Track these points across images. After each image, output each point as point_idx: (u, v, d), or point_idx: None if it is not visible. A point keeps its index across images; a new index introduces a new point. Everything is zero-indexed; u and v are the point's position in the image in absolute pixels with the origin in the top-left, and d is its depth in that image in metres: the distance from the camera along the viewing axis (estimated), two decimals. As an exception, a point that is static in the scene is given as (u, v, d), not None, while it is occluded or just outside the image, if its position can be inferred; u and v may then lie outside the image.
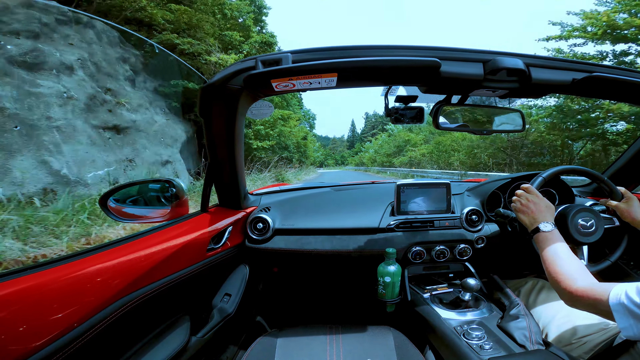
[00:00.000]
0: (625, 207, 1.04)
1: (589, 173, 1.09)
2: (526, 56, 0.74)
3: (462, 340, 0.82)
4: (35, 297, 0.52)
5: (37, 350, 0.51)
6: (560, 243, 0.82)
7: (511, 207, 1.02)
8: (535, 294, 1.07)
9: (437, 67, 0.69)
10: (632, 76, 0.79)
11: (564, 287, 0.73)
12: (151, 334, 0.80)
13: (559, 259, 0.78)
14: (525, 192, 0.98)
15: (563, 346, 0.87)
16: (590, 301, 0.67)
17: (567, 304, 0.74)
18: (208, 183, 1.02)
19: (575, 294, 0.70)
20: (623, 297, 0.61)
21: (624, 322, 0.60)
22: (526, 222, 0.92)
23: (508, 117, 0.99)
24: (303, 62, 0.67)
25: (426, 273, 1.23)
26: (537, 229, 0.87)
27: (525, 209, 0.93)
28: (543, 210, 0.91)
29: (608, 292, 0.63)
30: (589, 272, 0.74)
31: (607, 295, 0.63)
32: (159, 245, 0.77)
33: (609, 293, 0.63)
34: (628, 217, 1.04)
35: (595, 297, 0.66)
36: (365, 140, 46.45)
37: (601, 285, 0.67)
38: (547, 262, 0.80)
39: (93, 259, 0.65)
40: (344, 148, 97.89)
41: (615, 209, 1.07)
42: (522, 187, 1.00)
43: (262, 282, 1.42)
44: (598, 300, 0.65)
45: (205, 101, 0.77)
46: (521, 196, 0.97)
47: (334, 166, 73.97)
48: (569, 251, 0.80)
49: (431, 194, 1.22)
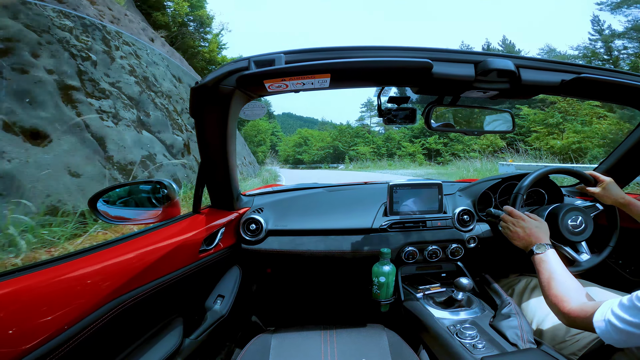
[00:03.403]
0: (603, 192, 1.06)
1: (562, 170, 1.12)
2: (516, 57, 0.75)
3: (456, 339, 0.83)
4: (25, 299, 0.52)
5: (27, 352, 0.50)
6: (555, 262, 0.84)
7: (502, 208, 1.04)
8: (529, 292, 1.09)
9: (429, 68, 0.70)
10: (619, 77, 0.81)
11: (559, 309, 0.74)
12: (144, 336, 0.79)
13: (554, 280, 0.79)
14: (510, 217, 0.98)
15: (556, 344, 0.88)
16: (583, 320, 0.67)
17: (565, 324, 0.75)
18: (200, 184, 1.01)
19: (569, 315, 0.71)
20: (608, 313, 0.61)
21: (610, 338, 0.60)
22: (520, 247, 0.94)
23: (498, 118, 1.01)
24: (296, 63, 0.67)
25: (419, 273, 1.24)
26: (532, 251, 0.89)
27: (516, 235, 0.95)
28: (534, 231, 0.92)
29: (596, 310, 0.64)
30: (582, 291, 0.75)
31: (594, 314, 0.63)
32: (151, 247, 0.76)
33: (595, 311, 0.64)
34: (609, 200, 1.06)
35: (586, 316, 0.66)
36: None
37: (591, 304, 0.67)
38: (542, 284, 0.82)
39: (83, 260, 0.64)
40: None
41: (596, 196, 1.10)
42: (506, 210, 1.01)
43: (255, 283, 1.41)
44: (589, 320, 0.65)
45: (197, 102, 0.76)
46: (508, 222, 0.98)
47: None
48: (564, 271, 0.81)
49: (423, 194, 1.23)
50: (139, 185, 0.99)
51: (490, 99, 0.87)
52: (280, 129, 51.30)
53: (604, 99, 1.00)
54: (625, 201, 1.02)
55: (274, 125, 61.18)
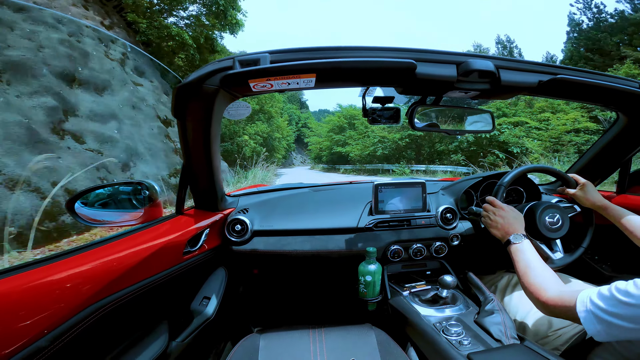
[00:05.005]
0: (582, 194, 1.10)
1: (545, 169, 1.16)
2: (496, 59, 0.78)
3: (442, 336, 0.84)
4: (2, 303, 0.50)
5: (5, 358, 0.48)
6: (531, 253, 0.86)
7: (483, 207, 1.06)
8: (511, 289, 1.11)
9: (413, 69, 0.71)
10: (594, 78, 0.85)
11: (536, 297, 0.76)
12: (128, 339, 0.77)
13: (531, 270, 0.81)
14: (491, 206, 1.02)
15: (540, 339, 0.91)
16: (562, 309, 0.68)
17: (543, 313, 0.77)
18: (183, 185, 0.99)
19: (547, 303, 0.72)
20: (589, 303, 0.62)
21: (593, 328, 0.61)
22: (498, 236, 0.97)
23: (479, 118, 1.03)
24: (281, 63, 0.67)
25: (405, 271, 1.26)
26: (509, 241, 0.91)
27: (495, 224, 0.98)
28: (512, 222, 0.95)
29: (575, 298, 0.65)
30: (559, 281, 0.77)
31: (575, 302, 0.64)
32: (132, 249, 0.74)
33: (576, 300, 0.65)
34: (587, 203, 1.10)
35: (564, 304, 0.67)
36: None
37: (570, 292, 0.69)
38: (520, 274, 0.84)
39: (63, 263, 0.62)
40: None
41: (574, 197, 1.13)
42: (488, 200, 1.05)
43: (242, 284, 1.39)
44: (568, 308, 0.66)
45: (180, 101, 0.75)
46: (489, 211, 1.02)
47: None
48: (540, 261, 0.84)
49: (407, 193, 1.25)
50: (119, 187, 0.96)
51: (471, 99, 0.89)
52: (315, 124, 40.06)
53: (581, 99, 1.04)
54: (603, 205, 1.06)
55: (306, 116, 55.39)
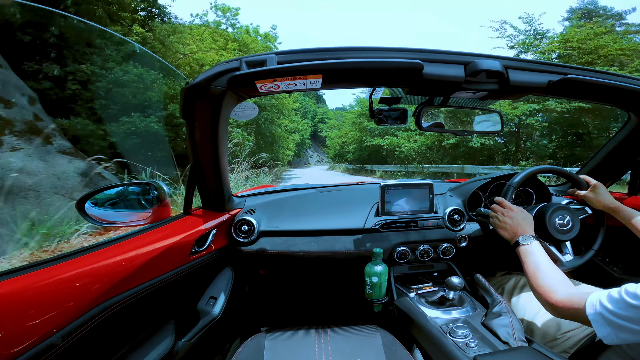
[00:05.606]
0: (594, 195, 1.08)
1: (555, 170, 1.14)
2: (504, 59, 0.77)
3: (448, 338, 0.83)
4: (12, 303, 0.51)
5: (15, 356, 0.49)
6: (541, 255, 0.84)
7: (491, 208, 1.05)
8: (518, 290, 1.10)
9: (420, 69, 0.71)
10: (605, 78, 0.83)
11: (545, 299, 0.75)
12: (135, 339, 0.78)
13: (540, 272, 0.80)
14: (500, 207, 1.01)
15: (548, 342, 0.89)
16: (571, 311, 0.67)
17: (552, 314, 0.76)
18: (191, 185, 1.00)
19: (556, 305, 0.71)
20: (598, 306, 0.61)
21: (602, 331, 0.60)
22: (507, 237, 0.95)
23: (487, 118, 1.02)
24: (288, 64, 0.67)
25: (411, 272, 1.25)
26: (518, 242, 0.90)
27: (504, 225, 0.97)
28: (521, 223, 0.93)
29: (585, 300, 0.64)
30: (568, 282, 0.76)
31: (584, 304, 0.63)
32: (141, 249, 0.75)
33: (585, 302, 0.64)
34: (599, 205, 1.08)
35: (574, 306, 0.66)
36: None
37: (579, 294, 0.68)
38: (529, 275, 0.83)
39: (72, 263, 0.63)
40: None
41: (585, 199, 1.11)
42: (497, 201, 1.03)
43: (248, 284, 1.40)
44: (577, 310, 0.65)
45: (187, 102, 0.76)
46: (497, 212, 1.00)
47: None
48: (549, 263, 0.82)
49: (414, 194, 1.24)
50: (128, 187, 0.97)
51: (479, 99, 0.88)
52: (333, 115, 39.19)
53: (591, 100, 1.02)
54: (615, 206, 1.04)
55: (323, 111, 54.59)
